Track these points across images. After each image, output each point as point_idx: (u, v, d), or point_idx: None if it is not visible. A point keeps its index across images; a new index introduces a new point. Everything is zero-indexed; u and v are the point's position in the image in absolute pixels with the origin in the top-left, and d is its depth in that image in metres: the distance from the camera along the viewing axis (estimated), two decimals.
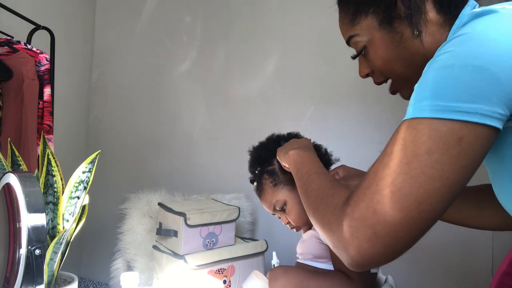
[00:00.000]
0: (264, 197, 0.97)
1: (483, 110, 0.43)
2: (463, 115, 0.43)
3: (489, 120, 0.43)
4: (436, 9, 0.60)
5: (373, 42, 0.64)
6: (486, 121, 0.43)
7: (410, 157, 0.45)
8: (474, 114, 0.43)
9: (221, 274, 1.28)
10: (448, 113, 0.44)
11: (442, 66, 0.47)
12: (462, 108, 0.43)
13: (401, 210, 0.45)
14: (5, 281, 0.74)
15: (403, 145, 0.47)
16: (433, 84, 0.46)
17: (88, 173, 1.10)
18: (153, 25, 2.11)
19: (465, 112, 0.43)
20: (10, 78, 1.33)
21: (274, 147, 0.96)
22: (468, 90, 0.44)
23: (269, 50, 1.83)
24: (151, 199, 1.59)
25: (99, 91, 2.24)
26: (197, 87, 1.99)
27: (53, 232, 1.09)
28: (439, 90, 0.45)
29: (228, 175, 1.85)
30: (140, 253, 1.49)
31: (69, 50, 2.05)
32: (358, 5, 0.64)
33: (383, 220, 0.45)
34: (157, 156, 2.05)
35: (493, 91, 0.43)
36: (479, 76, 0.43)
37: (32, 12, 1.64)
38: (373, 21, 0.63)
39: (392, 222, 0.45)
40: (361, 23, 0.65)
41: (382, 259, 0.47)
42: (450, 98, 0.44)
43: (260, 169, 0.97)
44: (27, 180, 0.76)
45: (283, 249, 1.61)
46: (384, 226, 0.45)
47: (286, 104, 1.78)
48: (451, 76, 0.45)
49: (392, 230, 0.45)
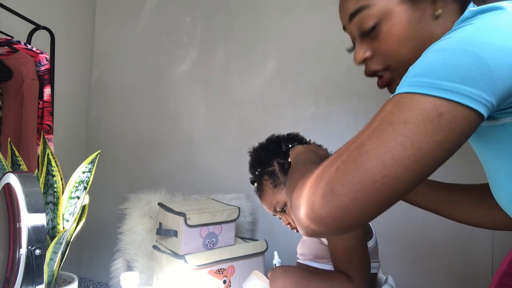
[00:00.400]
0: (264, 198, 0.97)
1: (468, 91, 0.43)
2: (446, 93, 0.43)
3: (473, 102, 0.43)
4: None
5: (390, 17, 0.57)
6: (469, 102, 0.43)
7: (385, 125, 0.45)
8: (458, 93, 0.43)
9: (221, 274, 1.28)
10: (432, 90, 0.44)
11: (435, 49, 0.47)
12: (447, 87, 0.43)
13: (364, 170, 0.43)
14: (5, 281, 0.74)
15: (382, 115, 0.46)
16: (423, 64, 0.47)
17: (88, 173, 1.10)
18: (153, 25, 2.11)
19: (450, 90, 0.43)
20: (10, 78, 1.33)
21: (274, 148, 0.96)
22: (456, 71, 0.44)
23: (269, 50, 1.83)
24: (151, 199, 1.59)
25: (99, 91, 2.24)
26: (197, 87, 1.99)
27: (53, 232, 1.09)
28: (428, 69, 0.45)
29: (228, 175, 1.85)
30: (140, 253, 1.49)
31: (69, 50, 2.05)
32: None
33: (343, 178, 0.44)
34: (157, 156, 2.05)
35: (481, 76, 0.43)
36: (469, 59, 0.43)
37: (32, 12, 1.64)
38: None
39: (351, 181, 0.44)
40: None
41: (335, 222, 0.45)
42: (437, 76, 0.44)
43: (260, 170, 0.97)
44: (27, 180, 0.76)
45: (283, 249, 1.61)
46: (343, 183, 0.44)
47: (286, 104, 1.78)
48: (441, 57, 0.45)
49: (350, 189, 0.44)
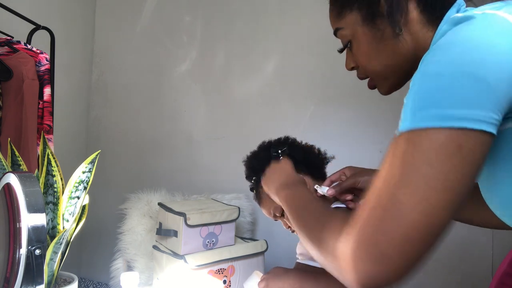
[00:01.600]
0: (262, 205, 0.97)
1: (479, 115, 0.42)
2: (460, 122, 0.42)
3: (486, 125, 0.43)
4: (420, 9, 0.60)
5: (356, 37, 0.65)
6: (483, 126, 0.43)
7: (411, 170, 0.44)
8: (470, 120, 0.42)
9: (221, 274, 1.28)
10: (445, 121, 0.43)
11: (430, 75, 0.46)
12: (458, 115, 0.43)
13: (407, 226, 0.42)
14: (5, 281, 0.74)
15: (402, 158, 0.45)
16: (424, 94, 0.45)
17: (88, 173, 1.10)
18: (153, 25, 2.11)
19: (462, 118, 0.42)
20: (10, 78, 1.33)
21: (266, 155, 0.95)
22: (461, 96, 0.43)
23: (269, 50, 1.83)
24: (151, 199, 1.59)
25: (99, 91, 2.24)
26: (197, 87, 1.99)
27: (53, 232, 1.09)
28: (432, 99, 0.44)
29: (228, 175, 1.85)
30: (140, 253, 1.49)
31: (69, 50, 2.05)
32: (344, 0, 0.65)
33: (390, 238, 0.42)
34: (157, 156, 2.05)
35: (486, 97, 0.43)
36: (469, 82, 0.43)
37: (32, 12, 1.64)
38: (357, 17, 0.64)
39: (399, 240, 0.42)
40: (346, 18, 0.65)
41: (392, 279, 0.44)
42: (444, 105, 0.43)
43: (255, 178, 0.97)
44: (27, 180, 0.76)
45: (283, 249, 1.61)
46: (391, 244, 0.42)
47: (286, 104, 1.78)
48: (441, 84, 0.44)
49: (400, 248, 0.42)
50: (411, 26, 0.60)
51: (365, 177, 0.83)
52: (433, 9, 0.59)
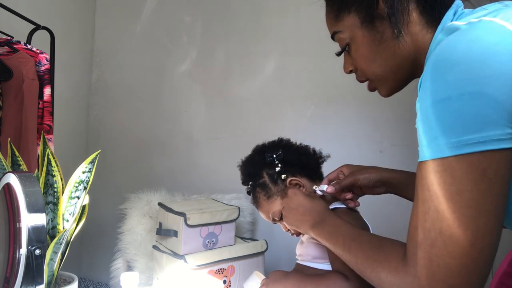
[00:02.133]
0: (261, 209, 0.96)
1: (495, 135, 0.43)
2: (478, 146, 0.43)
3: (504, 143, 0.43)
4: (419, 10, 0.59)
5: (355, 40, 0.64)
6: (501, 145, 0.43)
7: (445, 202, 0.45)
8: (488, 142, 0.43)
9: (221, 274, 1.28)
10: (463, 148, 0.44)
11: (438, 100, 0.46)
12: (475, 139, 0.43)
13: (461, 256, 0.45)
14: (5, 281, 0.74)
15: (433, 190, 0.47)
16: (438, 122, 0.46)
17: (88, 173, 1.10)
18: (153, 25, 2.11)
19: (480, 142, 0.43)
20: (10, 78, 1.33)
21: (260, 159, 0.94)
22: (474, 120, 0.43)
23: (269, 50, 1.83)
24: (151, 199, 1.59)
25: (99, 91, 2.24)
26: (197, 87, 1.99)
27: (53, 232, 1.09)
28: (447, 127, 0.45)
29: (228, 175, 1.85)
30: (140, 253, 1.49)
31: (69, 50, 2.05)
32: (341, 2, 0.65)
33: (452, 271, 0.45)
34: (157, 156, 2.05)
35: (497, 114, 0.43)
36: (479, 102, 0.43)
37: (32, 12, 1.64)
38: (355, 19, 0.63)
39: (461, 271, 0.45)
40: (344, 20, 0.65)
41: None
42: (460, 132, 0.44)
43: (252, 183, 0.96)
44: (27, 180, 0.76)
45: (283, 249, 1.61)
46: (455, 276, 0.45)
47: (286, 104, 1.78)
48: (452, 109, 0.45)
49: (464, 277, 0.45)
50: (411, 27, 0.60)
51: (365, 175, 0.83)
52: (432, 11, 0.59)
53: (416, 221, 0.49)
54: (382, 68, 0.64)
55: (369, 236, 0.63)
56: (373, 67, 0.65)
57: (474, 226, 0.44)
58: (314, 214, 0.77)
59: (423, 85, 0.49)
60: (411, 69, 0.64)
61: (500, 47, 0.44)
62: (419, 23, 0.60)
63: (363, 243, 0.61)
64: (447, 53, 0.47)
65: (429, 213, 0.47)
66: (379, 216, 1.24)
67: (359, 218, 0.88)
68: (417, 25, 0.60)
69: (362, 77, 0.70)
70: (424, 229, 0.47)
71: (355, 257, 0.61)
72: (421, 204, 0.48)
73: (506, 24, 0.45)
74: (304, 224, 0.78)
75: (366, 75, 0.68)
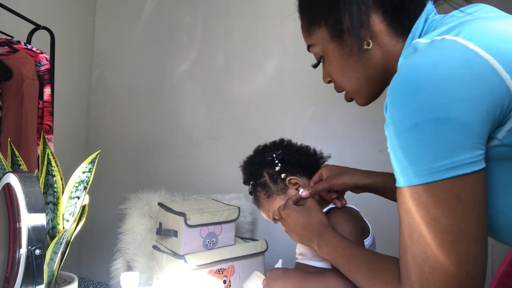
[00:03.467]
0: (261, 208, 0.98)
1: (466, 159, 0.43)
2: (450, 172, 0.43)
3: (475, 165, 0.44)
4: (387, 22, 0.59)
5: (327, 53, 0.65)
6: (472, 168, 0.43)
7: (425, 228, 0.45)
8: (459, 167, 0.43)
9: (221, 274, 1.28)
10: (436, 175, 0.44)
11: (406, 128, 0.46)
12: (446, 165, 0.43)
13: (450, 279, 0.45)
14: (5, 281, 0.74)
15: (413, 217, 0.47)
16: (408, 150, 0.46)
17: (88, 173, 1.10)
18: (153, 25, 2.11)
19: (451, 168, 0.43)
20: (10, 78, 1.33)
21: (261, 159, 0.95)
22: (443, 146, 0.43)
23: (269, 49, 1.83)
24: (151, 199, 1.59)
25: (99, 91, 2.24)
26: (197, 87, 1.99)
27: (53, 232, 1.09)
28: (417, 155, 0.45)
29: (228, 175, 1.85)
30: (140, 253, 1.49)
31: (69, 50, 2.05)
32: (311, 17, 0.65)
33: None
34: (157, 156, 2.05)
35: (466, 137, 0.43)
36: (446, 128, 0.43)
37: (32, 12, 1.64)
38: (325, 33, 0.64)
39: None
40: (316, 34, 0.66)
41: None
42: (431, 159, 0.44)
43: (253, 183, 0.97)
44: (27, 180, 0.76)
45: (283, 249, 1.61)
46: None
47: (286, 104, 1.78)
48: (420, 137, 0.44)
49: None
50: (380, 39, 0.59)
51: (341, 181, 0.83)
52: (400, 21, 0.58)
53: (405, 245, 0.49)
54: (355, 80, 0.65)
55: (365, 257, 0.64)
56: (346, 80, 0.66)
57: (457, 250, 0.44)
58: (311, 233, 0.78)
59: (389, 111, 0.48)
60: (384, 79, 0.63)
61: (463, 69, 0.44)
62: (387, 34, 0.59)
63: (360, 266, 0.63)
64: (410, 77, 0.46)
65: (414, 237, 0.47)
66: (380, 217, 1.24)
67: (356, 216, 0.88)
68: (386, 36, 0.59)
69: (339, 88, 0.71)
70: (412, 254, 0.48)
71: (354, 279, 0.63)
72: (405, 229, 0.49)
73: (468, 44, 0.45)
74: (306, 242, 0.81)
75: (342, 87, 0.69)
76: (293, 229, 0.82)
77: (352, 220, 0.84)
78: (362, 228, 0.85)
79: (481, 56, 0.44)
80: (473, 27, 0.47)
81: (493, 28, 0.47)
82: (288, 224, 0.83)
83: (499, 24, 0.48)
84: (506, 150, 0.46)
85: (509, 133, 0.45)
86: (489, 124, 0.44)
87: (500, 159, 0.47)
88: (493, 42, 0.45)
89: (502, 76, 0.43)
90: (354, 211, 0.89)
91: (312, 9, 0.65)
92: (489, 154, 0.47)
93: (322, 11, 0.63)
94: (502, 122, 0.45)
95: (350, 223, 0.83)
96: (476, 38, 0.45)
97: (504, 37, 0.45)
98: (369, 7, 0.58)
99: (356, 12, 0.57)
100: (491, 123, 0.44)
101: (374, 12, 0.58)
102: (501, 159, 0.47)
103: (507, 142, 0.46)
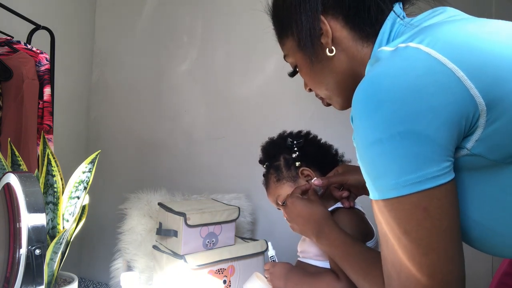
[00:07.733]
0: (268, 191, 0.99)
1: (432, 173, 0.42)
2: (416, 186, 0.43)
3: (442, 178, 0.43)
4: (349, 27, 0.58)
5: (298, 62, 0.67)
6: (439, 181, 0.43)
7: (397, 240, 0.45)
8: (425, 180, 0.42)
9: (221, 274, 1.28)
10: (403, 189, 0.43)
11: (370, 143, 0.45)
12: (412, 180, 0.43)
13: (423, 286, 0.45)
14: (5, 281, 0.74)
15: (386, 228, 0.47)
16: (374, 165, 0.46)
17: (88, 173, 1.10)
18: (153, 25, 2.11)
19: (417, 182, 0.43)
20: (10, 78, 1.33)
21: (281, 143, 0.98)
22: (408, 160, 0.43)
23: (270, 49, 1.82)
24: (151, 199, 1.59)
25: (99, 91, 2.24)
26: (197, 87, 1.99)
27: (53, 232, 1.09)
28: (383, 169, 0.45)
29: (228, 175, 1.85)
30: (140, 253, 1.49)
31: (69, 50, 2.05)
32: (280, 27, 0.67)
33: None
34: (157, 156, 2.05)
35: (432, 150, 0.42)
36: (410, 141, 0.42)
37: (32, 12, 1.64)
38: (293, 43, 0.64)
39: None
40: (286, 44, 0.67)
41: None
42: (396, 174, 0.43)
43: (268, 164, 0.99)
44: (27, 180, 0.76)
45: (283, 249, 1.60)
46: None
47: (287, 104, 1.77)
48: (385, 152, 0.44)
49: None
50: (343, 44, 0.59)
51: (355, 176, 0.84)
52: (362, 27, 0.58)
53: (384, 254, 0.49)
54: (325, 86, 0.65)
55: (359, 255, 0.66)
56: (318, 86, 0.67)
57: (428, 262, 0.44)
58: (312, 224, 0.79)
59: (355, 123, 0.48)
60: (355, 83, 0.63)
61: (425, 78, 0.42)
62: (351, 39, 0.59)
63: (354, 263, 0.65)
64: (372, 89, 0.45)
65: (389, 247, 0.47)
66: None
67: (361, 218, 0.88)
68: (350, 41, 0.59)
69: (317, 95, 0.72)
70: (390, 262, 0.48)
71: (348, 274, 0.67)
72: (382, 238, 0.49)
73: (432, 52, 0.43)
74: (307, 233, 0.82)
75: (317, 94, 0.71)
76: (295, 218, 0.83)
77: (355, 221, 0.84)
78: (365, 231, 0.85)
79: (444, 65, 0.42)
80: (437, 34, 0.46)
81: (458, 34, 0.45)
82: (291, 213, 0.84)
83: (464, 29, 0.46)
84: (476, 159, 0.45)
85: (478, 143, 0.44)
86: (455, 134, 0.43)
87: (470, 169, 0.46)
88: (457, 49, 0.43)
89: (466, 85, 0.41)
90: (360, 213, 0.89)
91: (280, 20, 0.67)
92: (459, 163, 0.46)
93: (287, 22, 0.64)
94: (470, 132, 0.43)
95: (353, 224, 0.83)
96: (439, 46, 0.44)
97: (468, 44, 0.44)
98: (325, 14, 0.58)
99: (305, 21, 0.58)
100: (457, 133, 0.43)
101: (334, 18, 0.58)
102: (472, 169, 0.46)
103: (477, 152, 0.44)
